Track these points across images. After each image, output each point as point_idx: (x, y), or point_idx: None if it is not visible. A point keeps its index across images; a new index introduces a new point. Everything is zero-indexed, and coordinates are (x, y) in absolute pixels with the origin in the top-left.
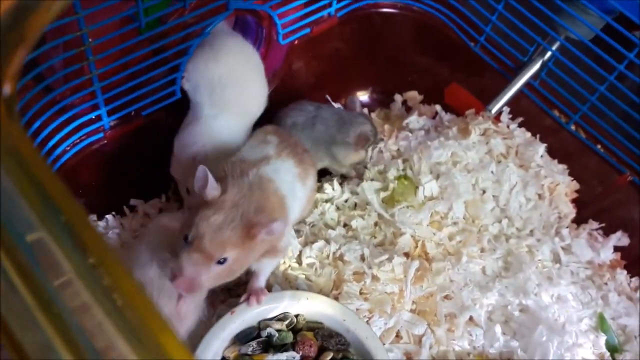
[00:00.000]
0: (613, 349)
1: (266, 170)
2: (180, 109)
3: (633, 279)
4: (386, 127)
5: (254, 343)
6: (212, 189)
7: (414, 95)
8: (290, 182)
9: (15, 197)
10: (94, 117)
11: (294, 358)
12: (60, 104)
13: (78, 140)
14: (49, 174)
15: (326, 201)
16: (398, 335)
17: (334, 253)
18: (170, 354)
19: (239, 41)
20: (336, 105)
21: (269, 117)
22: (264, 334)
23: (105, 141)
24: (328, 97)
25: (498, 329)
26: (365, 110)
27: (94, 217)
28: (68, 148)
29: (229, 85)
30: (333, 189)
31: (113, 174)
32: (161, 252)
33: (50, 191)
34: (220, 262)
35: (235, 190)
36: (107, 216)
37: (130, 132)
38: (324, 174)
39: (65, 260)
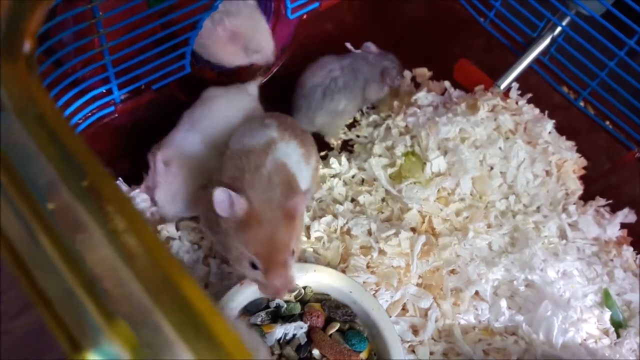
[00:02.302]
0: (617, 325)
1: (278, 154)
2: (191, 82)
3: (639, 256)
4: (395, 103)
5: (262, 313)
6: (240, 206)
7: (423, 71)
8: (297, 162)
9: (36, 154)
10: (104, 90)
11: (301, 328)
12: (71, 77)
13: (89, 114)
14: (67, 127)
15: (333, 176)
16: (404, 308)
17: (341, 227)
18: (191, 300)
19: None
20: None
21: (281, 89)
22: (273, 304)
23: (116, 115)
24: (348, 44)
25: (503, 303)
26: None
27: None
28: (80, 121)
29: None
30: (340, 164)
31: (124, 147)
32: None
33: (71, 147)
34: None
35: (259, 191)
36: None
37: (141, 106)
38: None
39: (86, 216)
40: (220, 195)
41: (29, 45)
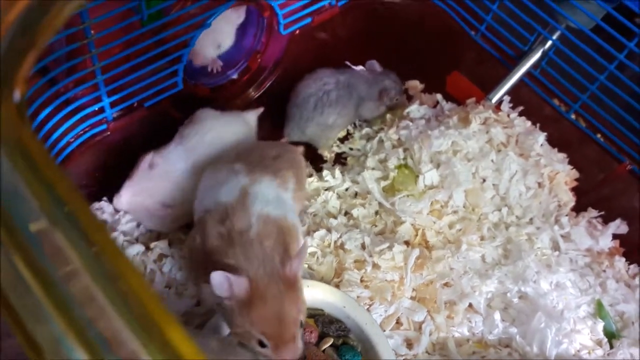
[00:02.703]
0: (611, 335)
1: (256, 206)
2: (183, 100)
3: (631, 266)
4: (388, 116)
5: None
6: (241, 287)
7: (415, 84)
8: (275, 198)
9: (23, 191)
10: (97, 108)
11: None
12: (64, 96)
13: (82, 132)
14: (58, 174)
15: (327, 189)
16: (398, 322)
17: (335, 242)
18: (175, 343)
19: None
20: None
21: (273, 106)
22: None
23: (109, 132)
24: (348, 62)
25: (497, 315)
26: None
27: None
28: (72, 140)
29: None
30: (334, 177)
31: (117, 165)
32: None
33: (57, 187)
34: (301, 325)
35: (256, 264)
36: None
37: (133, 123)
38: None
39: (70, 249)
40: (218, 279)
41: (19, 94)
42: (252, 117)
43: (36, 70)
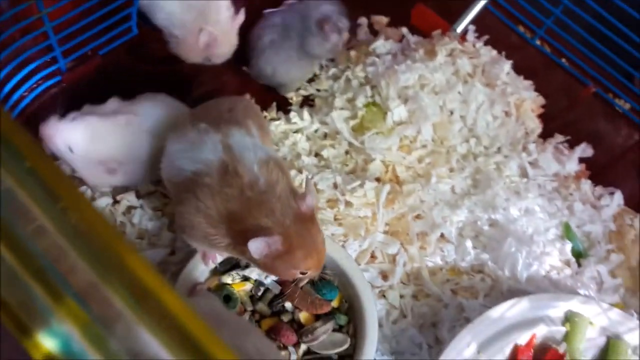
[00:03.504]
0: (578, 255)
1: (247, 155)
2: (140, 45)
3: (597, 188)
4: (352, 53)
5: (233, 272)
6: (277, 245)
7: (380, 18)
8: (252, 143)
9: None
10: (49, 59)
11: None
12: (11, 47)
13: (35, 85)
14: (15, 128)
15: (296, 132)
16: (373, 256)
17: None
18: (141, 276)
19: None
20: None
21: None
22: (243, 263)
23: (64, 84)
24: None
25: (469, 243)
26: None
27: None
28: (25, 94)
29: None
30: (302, 119)
31: None
32: None
33: (13, 139)
34: None
35: (279, 214)
36: None
37: (89, 73)
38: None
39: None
40: (255, 245)
41: None
42: None
43: None
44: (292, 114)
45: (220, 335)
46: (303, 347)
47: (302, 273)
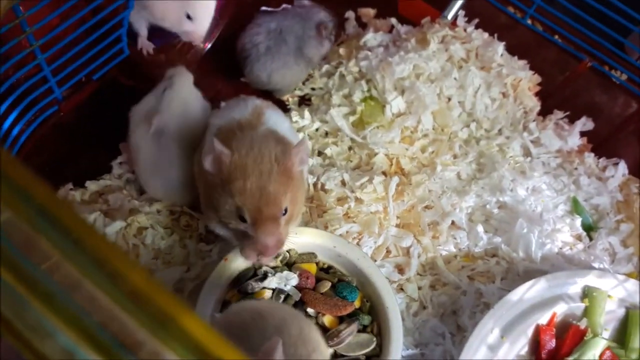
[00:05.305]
0: (589, 228)
1: (270, 122)
2: (132, 65)
3: (601, 160)
4: (341, 49)
5: (251, 282)
6: (226, 157)
7: (367, 11)
8: (289, 129)
9: None
10: (44, 90)
11: (291, 279)
12: (6, 83)
13: (33, 118)
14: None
15: (298, 131)
16: (388, 251)
17: (314, 184)
18: (170, 311)
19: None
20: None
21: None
22: (260, 272)
23: (62, 113)
24: None
25: (480, 228)
26: None
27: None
28: (24, 127)
29: None
30: (303, 118)
31: (77, 145)
32: None
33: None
34: (284, 214)
35: (248, 144)
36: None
37: (85, 99)
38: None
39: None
40: (208, 148)
41: None
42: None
43: None
44: (293, 113)
45: (265, 330)
46: (330, 350)
47: (241, 217)
